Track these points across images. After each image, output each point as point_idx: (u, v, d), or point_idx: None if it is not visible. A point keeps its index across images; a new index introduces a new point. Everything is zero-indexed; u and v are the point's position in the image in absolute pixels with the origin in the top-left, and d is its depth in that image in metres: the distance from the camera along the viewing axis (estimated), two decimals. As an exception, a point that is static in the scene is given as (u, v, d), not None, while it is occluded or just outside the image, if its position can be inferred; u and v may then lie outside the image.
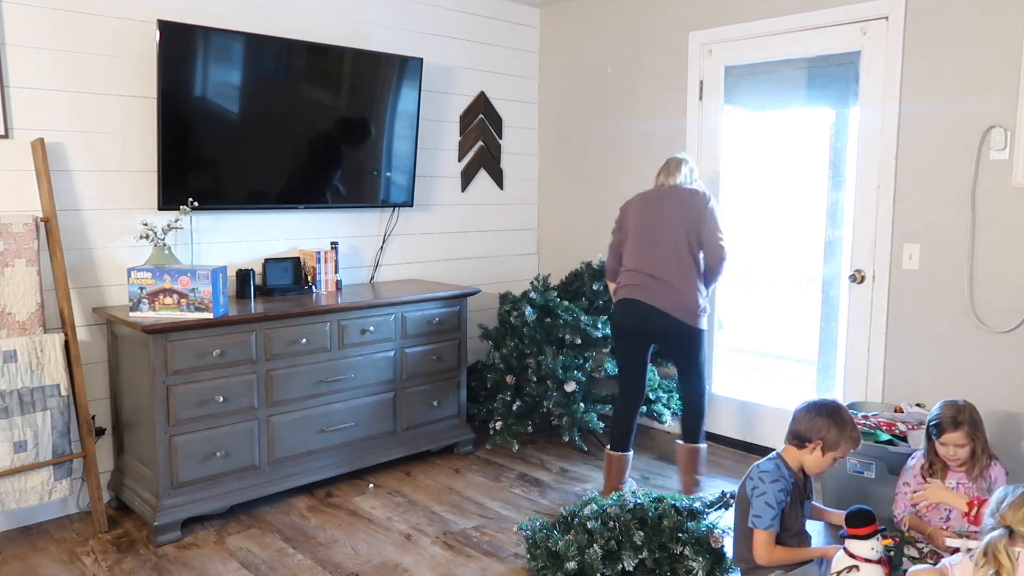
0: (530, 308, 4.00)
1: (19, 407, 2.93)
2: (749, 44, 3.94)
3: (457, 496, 3.55)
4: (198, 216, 3.54)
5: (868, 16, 3.48)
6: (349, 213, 4.15)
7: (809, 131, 3.91)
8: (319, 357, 3.48)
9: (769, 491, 2.42)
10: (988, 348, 3.24)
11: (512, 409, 4.00)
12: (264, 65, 3.60)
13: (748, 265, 4.15)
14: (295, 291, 3.78)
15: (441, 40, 4.45)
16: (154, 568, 2.88)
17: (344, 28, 3.99)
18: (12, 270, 2.97)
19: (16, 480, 2.95)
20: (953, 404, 2.67)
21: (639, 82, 4.42)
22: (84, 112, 3.25)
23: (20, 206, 3.12)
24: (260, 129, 3.64)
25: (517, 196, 4.97)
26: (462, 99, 4.61)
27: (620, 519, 2.76)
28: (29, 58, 3.10)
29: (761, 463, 2.53)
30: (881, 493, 3.04)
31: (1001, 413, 3.12)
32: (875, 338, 3.58)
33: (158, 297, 3.06)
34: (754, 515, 2.43)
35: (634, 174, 4.49)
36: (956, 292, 3.31)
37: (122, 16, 3.31)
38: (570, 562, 2.61)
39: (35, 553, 3.00)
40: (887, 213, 3.49)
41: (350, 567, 2.90)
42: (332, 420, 3.55)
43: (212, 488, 3.21)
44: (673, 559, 2.66)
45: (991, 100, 3.15)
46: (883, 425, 3.16)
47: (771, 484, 2.44)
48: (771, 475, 2.46)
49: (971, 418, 2.62)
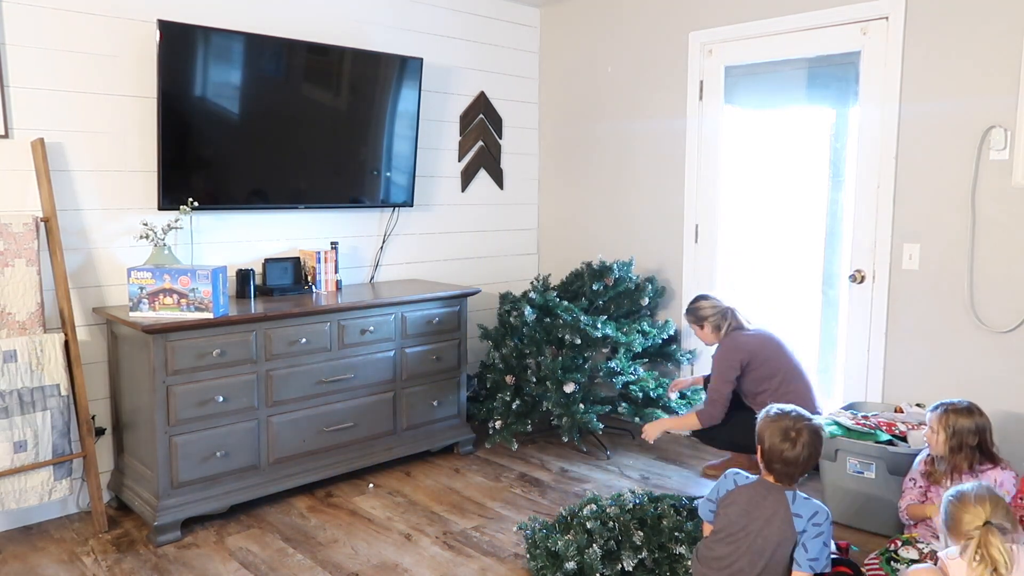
0: (529, 308, 4.00)
1: (19, 407, 2.93)
2: (749, 44, 3.94)
3: (457, 496, 3.55)
4: (198, 216, 3.54)
5: (868, 16, 3.48)
6: (349, 213, 4.15)
7: (809, 131, 3.91)
8: (319, 357, 3.48)
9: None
10: (988, 348, 3.24)
11: (511, 409, 4.00)
12: (264, 65, 3.60)
13: (747, 265, 4.15)
14: (295, 291, 3.78)
15: (441, 40, 4.45)
16: (154, 568, 2.88)
17: (344, 28, 3.99)
18: (12, 270, 2.97)
19: (16, 480, 2.95)
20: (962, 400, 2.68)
21: (639, 82, 4.42)
22: (84, 112, 3.25)
23: (20, 206, 3.12)
24: (260, 129, 3.64)
25: (517, 196, 4.97)
26: (462, 99, 4.61)
27: (620, 519, 2.76)
28: (29, 58, 3.10)
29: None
30: (881, 493, 3.04)
31: (1001, 413, 3.12)
32: (875, 338, 3.58)
33: (158, 297, 3.06)
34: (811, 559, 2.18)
35: (634, 174, 4.50)
36: (956, 292, 3.31)
37: (122, 16, 3.31)
38: (569, 562, 2.61)
39: (35, 553, 3.00)
40: (887, 213, 3.49)
41: (350, 567, 2.90)
42: (332, 420, 3.55)
43: (212, 488, 3.21)
44: (672, 559, 2.66)
45: (991, 100, 3.15)
46: (883, 425, 3.16)
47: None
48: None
49: (956, 414, 2.60)
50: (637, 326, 4.08)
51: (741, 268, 4.16)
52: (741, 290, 4.02)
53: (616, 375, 3.95)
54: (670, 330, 4.17)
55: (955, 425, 2.59)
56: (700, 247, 4.25)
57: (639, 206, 4.49)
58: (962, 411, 2.61)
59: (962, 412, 2.61)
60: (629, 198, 4.54)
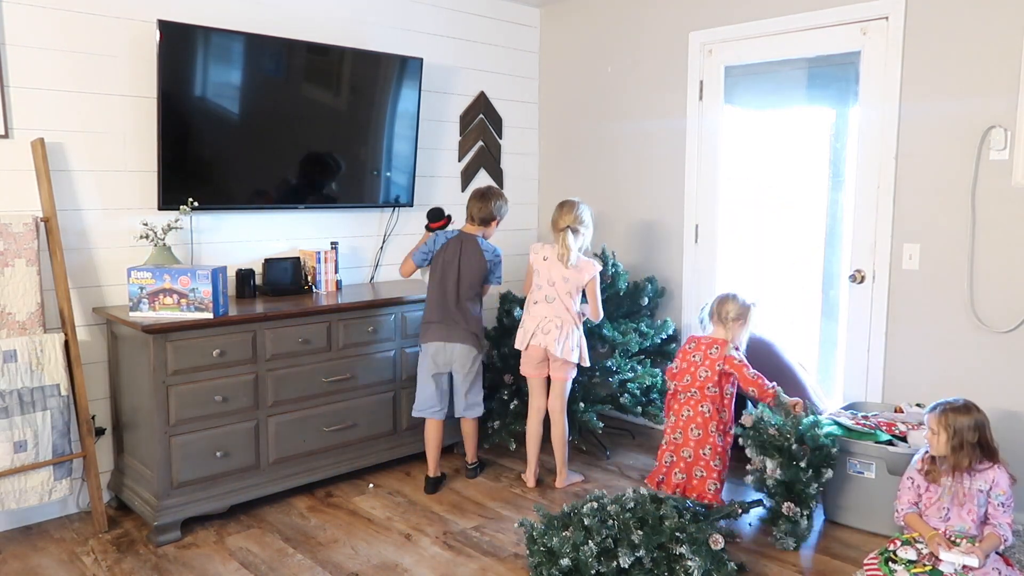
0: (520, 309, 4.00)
1: (19, 407, 2.93)
2: (749, 44, 3.94)
3: (457, 496, 3.55)
4: (198, 216, 3.54)
5: (868, 16, 3.48)
6: (349, 213, 4.15)
7: (809, 131, 3.91)
8: (319, 357, 3.48)
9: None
10: (988, 348, 3.24)
11: (509, 408, 4.00)
12: (264, 65, 3.60)
13: (747, 265, 4.15)
14: (295, 291, 3.78)
15: (441, 40, 4.45)
16: (154, 568, 2.88)
17: (344, 28, 3.99)
18: (12, 270, 2.97)
19: (16, 480, 2.95)
20: (958, 398, 2.66)
21: (639, 82, 4.42)
22: (84, 112, 3.25)
23: (20, 206, 3.12)
24: (260, 129, 3.64)
25: (517, 196, 4.97)
26: (462, 99, 4.61)
27: (619, 517, 2.76)
28: (29, 58, 3.10)
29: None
30: (881, 493, 3.04)
31: (1001, 413, 3.12)
32: (875, 338, 3.58)
33: (158, 297, 3.06)
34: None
35: (634, 174, 4.50)
36: (956, 292, 3.31)
37: (122, 16, 3.31)
38: (564, 558, 2.62)
39: (35, 553, 3.00)
40: (887, 213, 3.48)
41: (350, 567, 2.90)
42: (332, 420, 3.55)
43: (212, 488, 3.21)
44: (671, 559, 2.66)
45: (991, 100, 3.15)
46: (883, 425, 3.16)
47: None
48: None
49: (955, 413, 2.58)
50: (635, 326, 4.08)
51: (741, 268, 4.16)
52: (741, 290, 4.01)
53: (612, 374, 3.95)
54: (668, 330, 4.17)
55: (955, 424, 2.58)
56: (700, 247, 4.25)
57: (639, 206, 4.49)
58: (960, 409, 2.60)
59: (960, 410, 2.60)
60: (629, 198, 4.54)
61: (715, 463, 3.25)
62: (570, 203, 3.49)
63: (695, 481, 3.28)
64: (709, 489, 3.25)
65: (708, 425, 3.25)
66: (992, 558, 2.54)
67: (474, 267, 3.51)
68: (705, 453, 3.25)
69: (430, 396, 3.56)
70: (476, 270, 3.52)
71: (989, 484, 2.59)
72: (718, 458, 3.26)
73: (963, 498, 2.59)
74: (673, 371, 3.40)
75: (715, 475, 3.25)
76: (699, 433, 3.26)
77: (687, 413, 3.29)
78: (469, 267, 3.50)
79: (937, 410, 2.63)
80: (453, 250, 3.51)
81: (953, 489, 2.59)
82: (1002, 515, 2.57)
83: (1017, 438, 3.11)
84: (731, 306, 3.35)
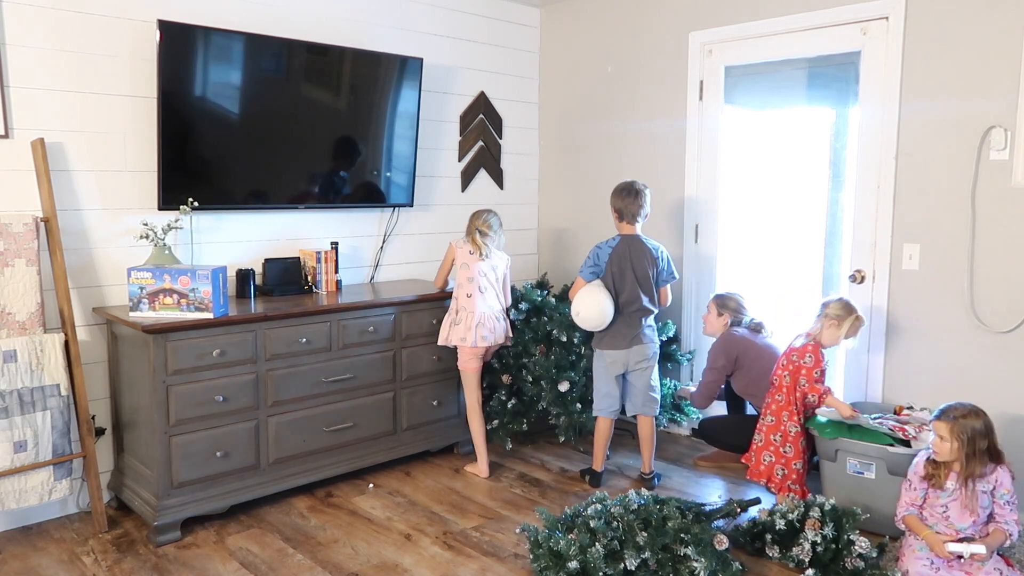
0: (515, 311, 4.00)
1: (19, 407, 2.93)
2: (749, 44, 3.94)
3: (457, 496, 3.55)
4: (198, 216, 3.54)
5: (868, 16, 3.48)
6: (349, 213, 4.15)
7: (809, 131, 3.91)
8: (319, 357, 3.48)
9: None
10: (988, 348, 3.24)
11: (507, 408, 4.00)
12: (264, 65, 3.60)
13: (748, 265, 4.14)
14: (295, 291, 3.77)
15: (441, 40, 4.45)
16: (154, 568, 2.88)
17: (344, 28, 3.99)
18: (12, 270, 2.97)
19: (16, 480, 2.95)
20: (964, 403, 2.65)
21: (639, 82, 4.42)
22: (84, 112, 3.25)
23: (20, 206, 3.12)
24: (260, 129, 3.64)
25: (517, 196, 4.97)
26: (462, 99, 4.61)
27: (624, 519, 2.76)
28: (29, 58, 3.10)
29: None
30: (881, 493, 3.04)
31: (1001, 413, 3.12)
32: (875, 338, 3.58)
33: (158, 297, 3.06)
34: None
35: (634, 174, 4.48)
36: (956, 292, 3.31)
37: (122, 16, 3.30)
38: (572, 561, 2.61)
39: (35, 553, 3.00)
40: (887, 213, 3.48)
41: (350, 567, 2.90)
42: (332, 420, 3.55)
43: (212, 488, 3.21)
44: (676, 560, 2.66)
45: (991, 100, 3.15)
46: (895, 428, 3.14)
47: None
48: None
49: (965, 419, 2.57)
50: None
51: (741, 268, 4.16)
52: (741, 290, 4.01)
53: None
54: (670, 331, 4.16)
55: (968, 433, 2.55)
56: (700, 247, 4.25)
57: (639, 206, 4.48)
58: (970, 415, 2.58)
59: (970, 415, 2.58)
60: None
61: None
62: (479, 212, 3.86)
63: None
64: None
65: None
66: (993, 559, 2.55)
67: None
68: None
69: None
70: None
71: (993, 484, 2.60)
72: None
73: (972, 503, 2.58)
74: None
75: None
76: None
77: None
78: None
79: (948, 417, 2.60)
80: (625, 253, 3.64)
81: (963, 494, 2.59)
82: (1009, 513, 2.58)
83: (1017, 438, 3.11)
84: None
